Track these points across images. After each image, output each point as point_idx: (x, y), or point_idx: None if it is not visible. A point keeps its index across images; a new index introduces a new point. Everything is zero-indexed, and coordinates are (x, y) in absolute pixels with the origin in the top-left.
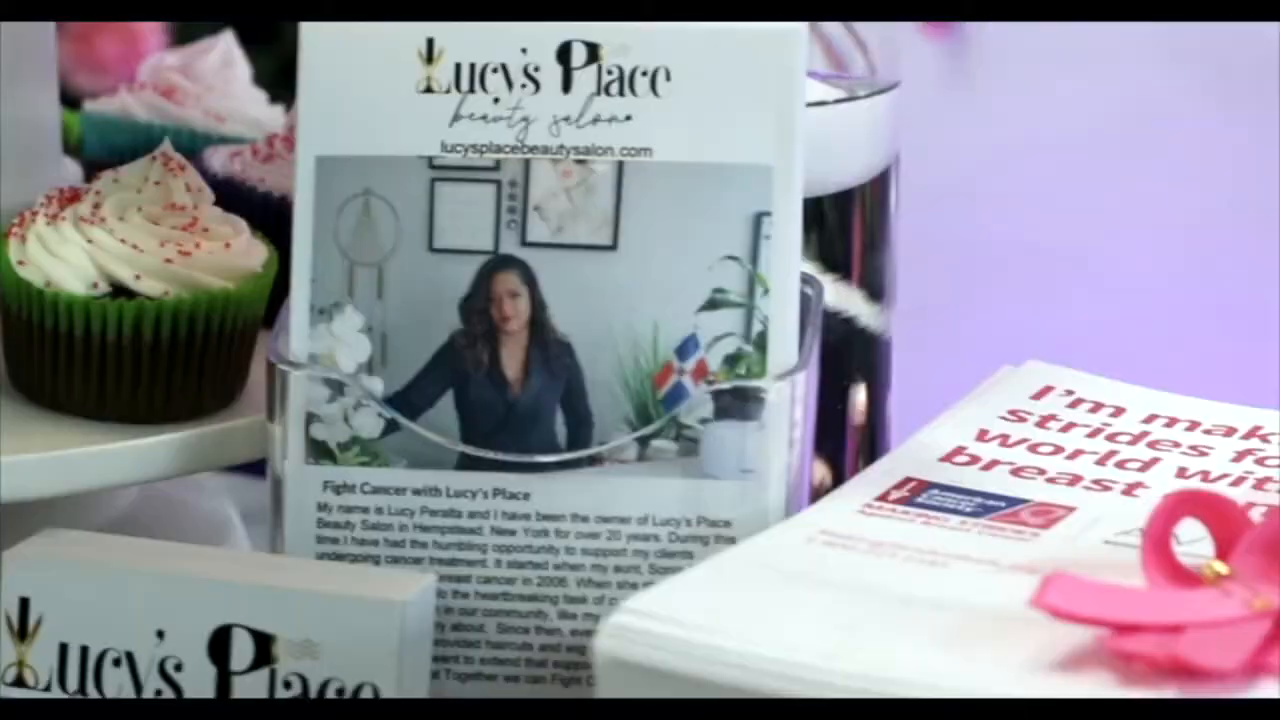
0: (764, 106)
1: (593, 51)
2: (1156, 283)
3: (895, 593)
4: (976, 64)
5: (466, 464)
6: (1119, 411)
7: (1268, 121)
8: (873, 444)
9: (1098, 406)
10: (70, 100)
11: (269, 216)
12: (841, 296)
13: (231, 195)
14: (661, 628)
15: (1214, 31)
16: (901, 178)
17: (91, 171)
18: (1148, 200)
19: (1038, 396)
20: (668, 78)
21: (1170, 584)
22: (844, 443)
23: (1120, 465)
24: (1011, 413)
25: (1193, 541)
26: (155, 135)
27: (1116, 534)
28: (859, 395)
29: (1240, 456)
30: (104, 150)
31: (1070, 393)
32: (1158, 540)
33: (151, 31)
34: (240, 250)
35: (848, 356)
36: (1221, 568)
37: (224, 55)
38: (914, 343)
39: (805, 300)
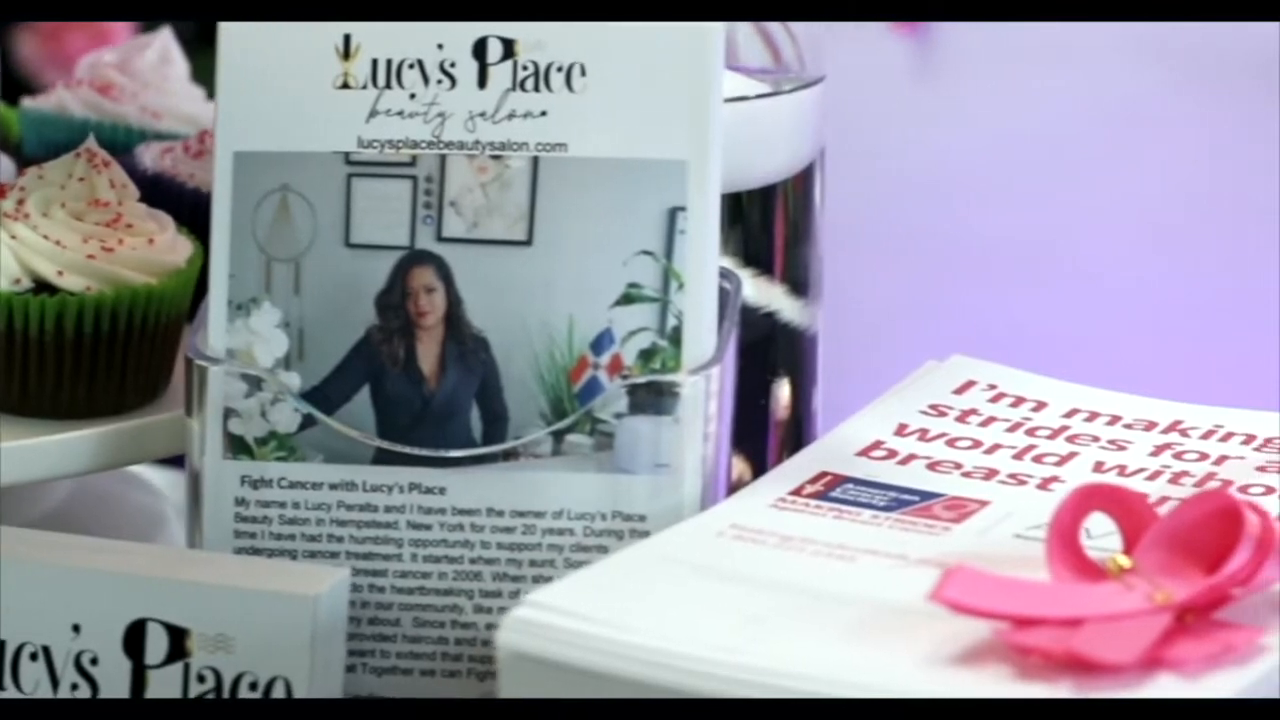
0: (679, 102)
1: (508, 47)
2: (1121, 279)
3: (801, 587)
4: (945, 60)
5: (382, 459)
6: (1040, 406)
7: (1238, 119)
8: (798, 439)
9: (1019, 401)
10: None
11: (199, 212)
12: (764, 292)
13: (162, 191)
14: (563, 621)
15: (1185, 27)
16: (868, 173)
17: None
18: (1115, 196)
19: (960, 391)
20: (583, 73)
21: (1075, 578)
22: (766, 438)
23: (1037, 460)
24: (932, 407)
25: (1105, 535)
26: (91, 131)
27: (1027, 528)
28: (782, 390)
29: (1159, 451)
30: (41, 147)
31: (993, 387)
32: (1063, 534)
33: (122, 29)
34: (164, 246)
35: (770, 351)
36: (1125, 561)
37: (161, 52)
38: (864, 337)
39: (723, 295)
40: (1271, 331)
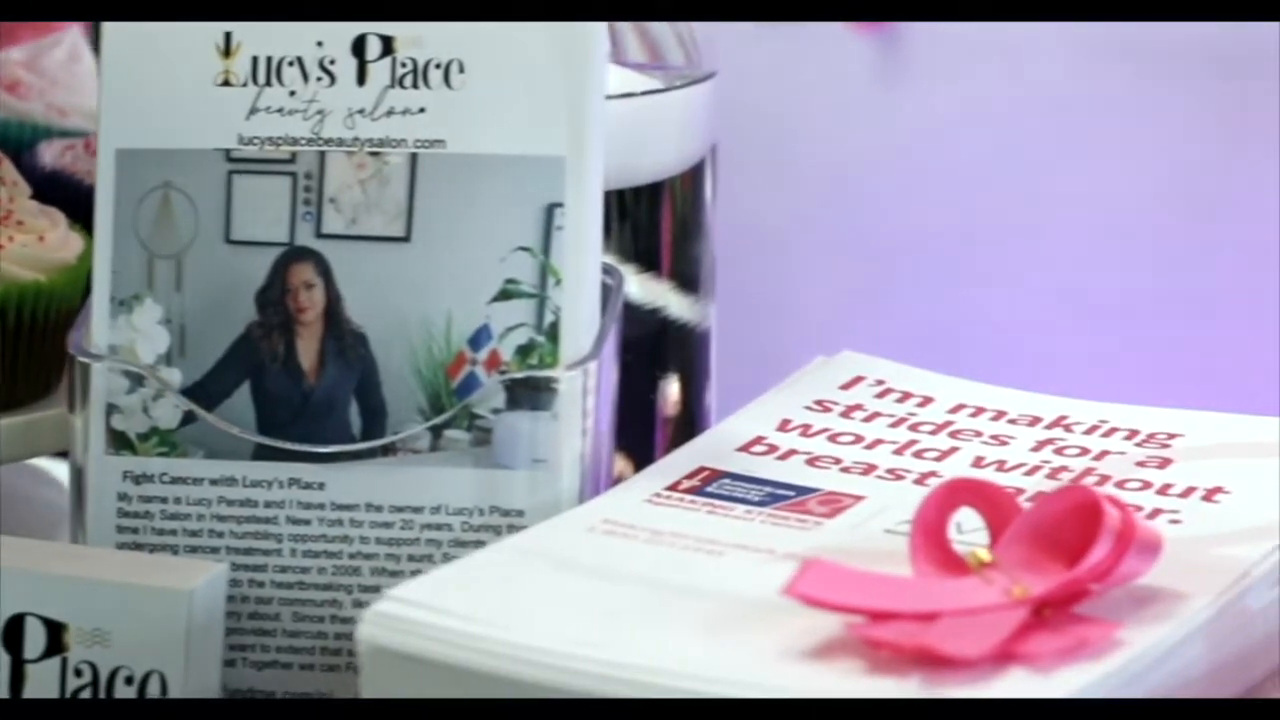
0: (557, 99)
1: (387, 44)
2: (1046, 276)
3: (665, 581)
4: (907, 58)
5: (262, 454)
6: (926, 401)
7: (1197, 117)
8: (689, 436)
9: (906, 396)
10: None
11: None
12: (650, 288)
13: (60, 188)
14: (423, 615)
15: (1142, 26)
16: (827, 170)
17: None
18: (1072, 194)
19: (847, 387)
20: (461, 70)
21: (938, 572)
22: (653, 434)
23: (918, 455)
24: (817, 403)
25: (977, 530)
26: None
27: (898, 523)
28: (670, 387)
29: (1040, 446)
30: None
31: (880, 383)
32: (928, 529)
33: (27, 28)
34: (55, 243)
35: (660, 349)
36: (985, 556)
37: (70, 50)
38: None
39: (605, 291)
40: (1229, 327)
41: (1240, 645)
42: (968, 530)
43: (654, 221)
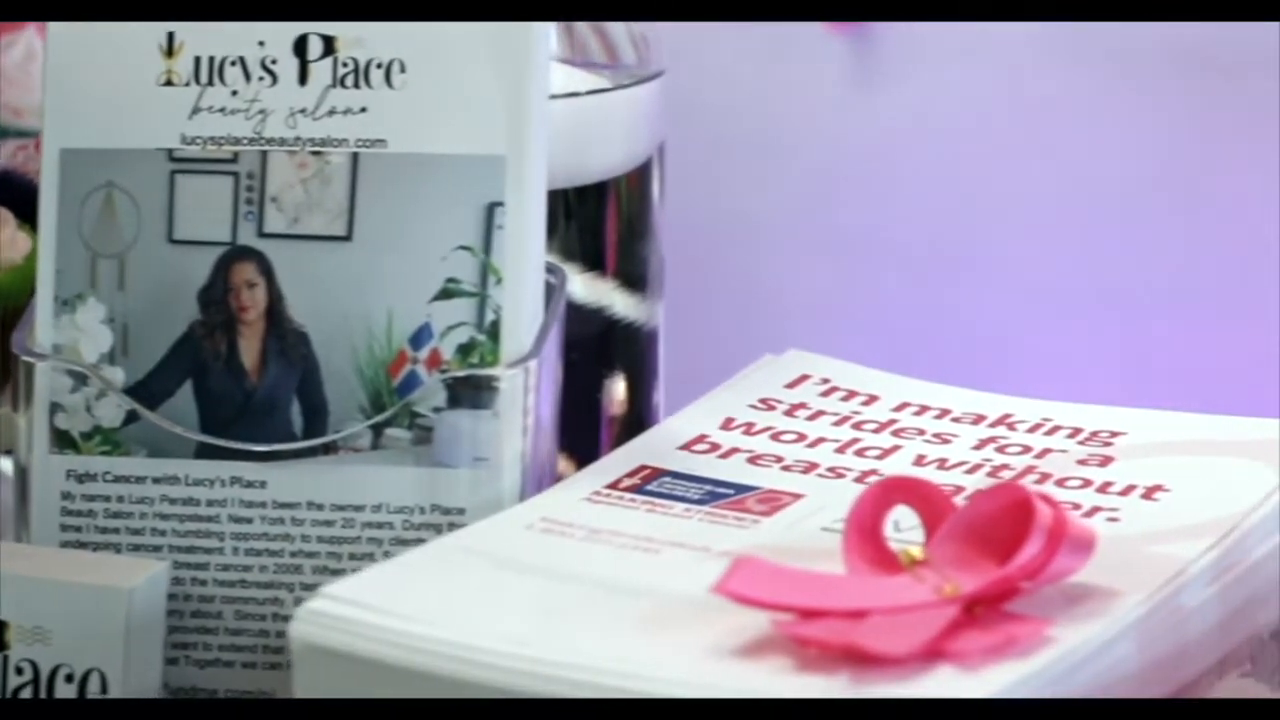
0: (498, 99)
1: (328, 44)
2: (1049, 276)
3: (600, 579)
4: (880, 58)
5: (205, 453)
6: (871, 400)
7: (1171, 117)
8: (635, 434)
9: (851, 395)
10: None
11: None
12: (595, 288)
13: (10, 188)
14: (355, 613)
15: (1108, 26)
16: (799, 169)
17: None
18: (1044, 193)
19: (792, 385)
20: (402, 70)
21: (871, 570)
22: (598, 433)
23: (859, 453)
24: (762, 401)
25: (914, 529)
26: None
27: (835, 521)
28: (616, 387)
29: (982, 444)
30: None
31: (826, 381)
32: (862, 526)
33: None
34: (3, 242)
35: (607, 348)
36: (917, 553)
37: (26, 50)
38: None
39: (547, 290)
40: (1203, 325)
41: (1174, 643)
42: (906, 528)
43: (599, 221)
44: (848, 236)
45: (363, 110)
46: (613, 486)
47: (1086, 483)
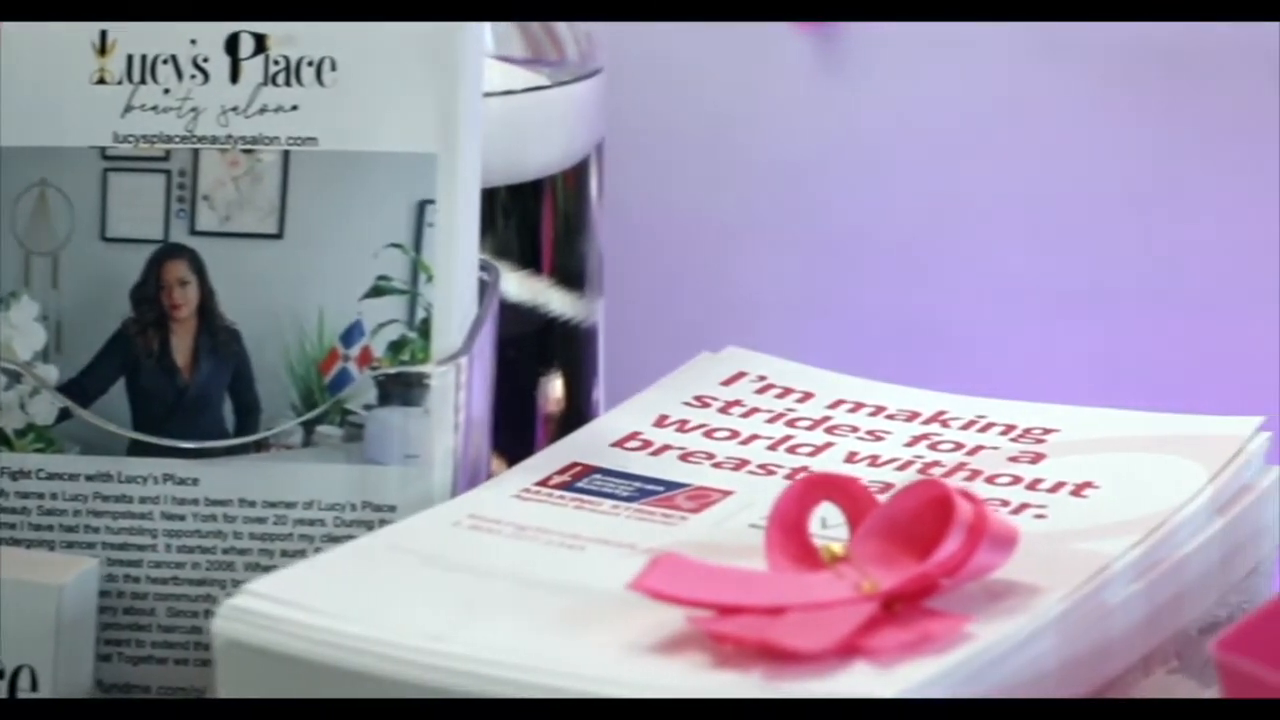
0: (428, 97)
1: (260, 42)
2: (1018, 274)
3: (524, 576)
4: (847, 56)
5: (137, 450)
6: (807, 397)
7: (1142, 115)
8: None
9: (786, 392)
10: None
11: None
12: (531, 286)
13: None
14: (275, 609)
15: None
16: (759, 166)
17: None
18: (1008, 192)
19: (728, 382)
20: (333, 68)
21: (794, 567)
22: (533, 431)
23: (791, 450)
24: (697, 398)
25: (841, 525)
26: None
27: (762, 518)
28: (553, 385)
29: (914, 441)
30: None
31: (762, 379)
32: (785, 523)
33: None
34: None
35: (544, 346)
36: (838, 550)
37: None
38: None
39: (481, 287)
40: (1174, 324)
41: (1096, 640)
42: (833, 525)
43: (535, 219)
44: (805, 234)
45: (294, 108)
46: (543, 484)
47: (1016, 480)
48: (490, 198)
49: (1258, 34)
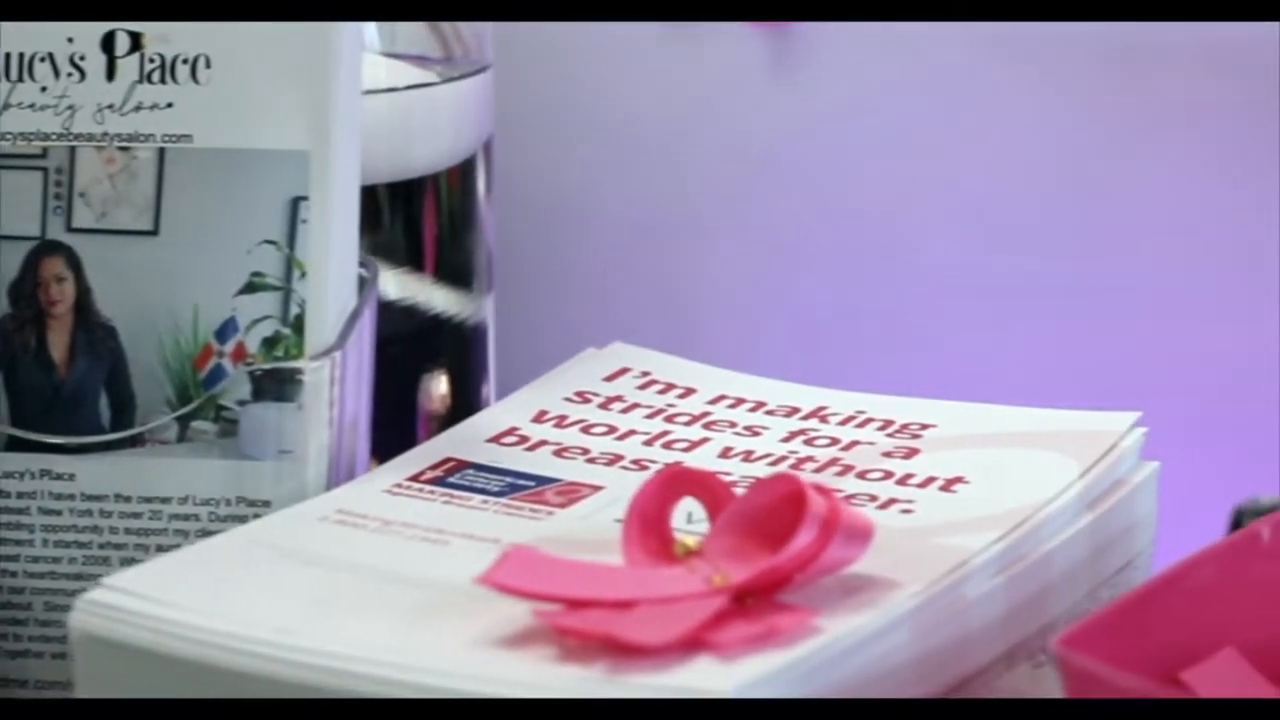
0: (301, 94)
1: (135, 40)
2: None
3: (383, 570)
4: (800, 54)
5: (14, 445)
6: (689, 393)
7: (1092, 111)
8: None
9: (668, 388)
10: None
11: None
12: (412, 283)
13: None
14: (131, 603)
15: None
16: (724, 162)
17: None
18: (964, 190)
19: (611, 378)
20: (208, 65)
21: (651, 561)
22: (414, 429)
23: (667, 446)
24: (578, 394)
25: (705, 520)
26: None
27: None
28: (436, 383)
29: (791, 437)
30: None
31: (646, 374)
32: (644, 517)
33: None
34: None
35: (427, 344)
36: (692, 544)
37: None
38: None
39: (361, 283)
40: (1126, 319)
41: (954, 634)
42: (700, 520)
43: (418, 216)
44: (723, 230)
45: (169, 106)
46: (414, 479)
47: (888, 475)
48: (372, 195)
49: (1206, 32)
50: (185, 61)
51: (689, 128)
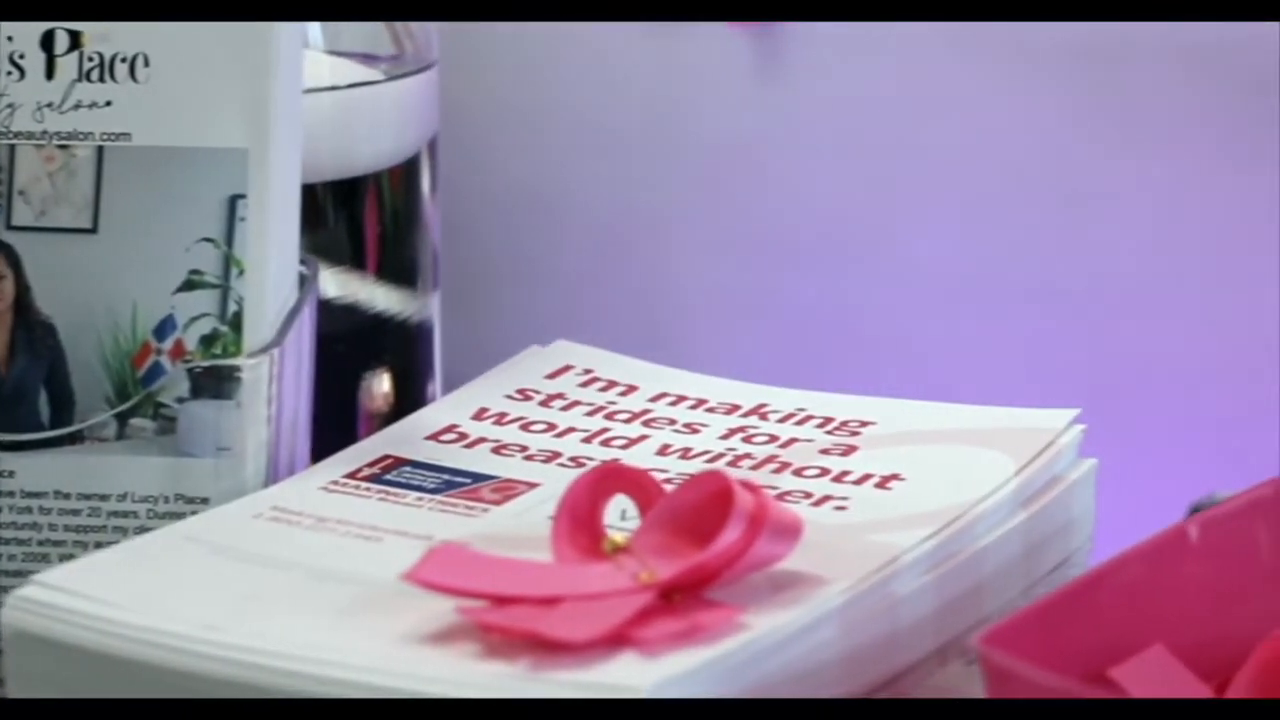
0: (239, 92)
1: (74, 38)
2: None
3: (313, 567)
4: (782, 53)
5: None
6: (630, 390)
7: (1071, 111)
8: None
9: (610, 385)
10: None
11: None
12: (354, 281)
13: None
14: (62, 599)
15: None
16: (698, 161)
17: None
18: (944, 189)
19: (553, 375)
20: (146, 64)
21: (580, 558)
22: (355, 427)
23: (605, 443)
24: (519, 391)
25: (638, 518)
26: None
27: None
28: (378, 382)
29: (730, 434)
30: None
31: (588, 372)
32: (574, 514)
33: None
34: None
35: (372, 343)
36: (620, 541)
37: None
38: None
39: (302, 281)
40: (1101, 321)
41: (882, 631)
42: (631, 517)
43: (360, 214)
44: (693, 229)
45: (108, 104)
46: (351, 476)
47: (824, 472)
48: (313, 193)
49: (1181, 32)
50: (124, 60)
51: (664, 126)
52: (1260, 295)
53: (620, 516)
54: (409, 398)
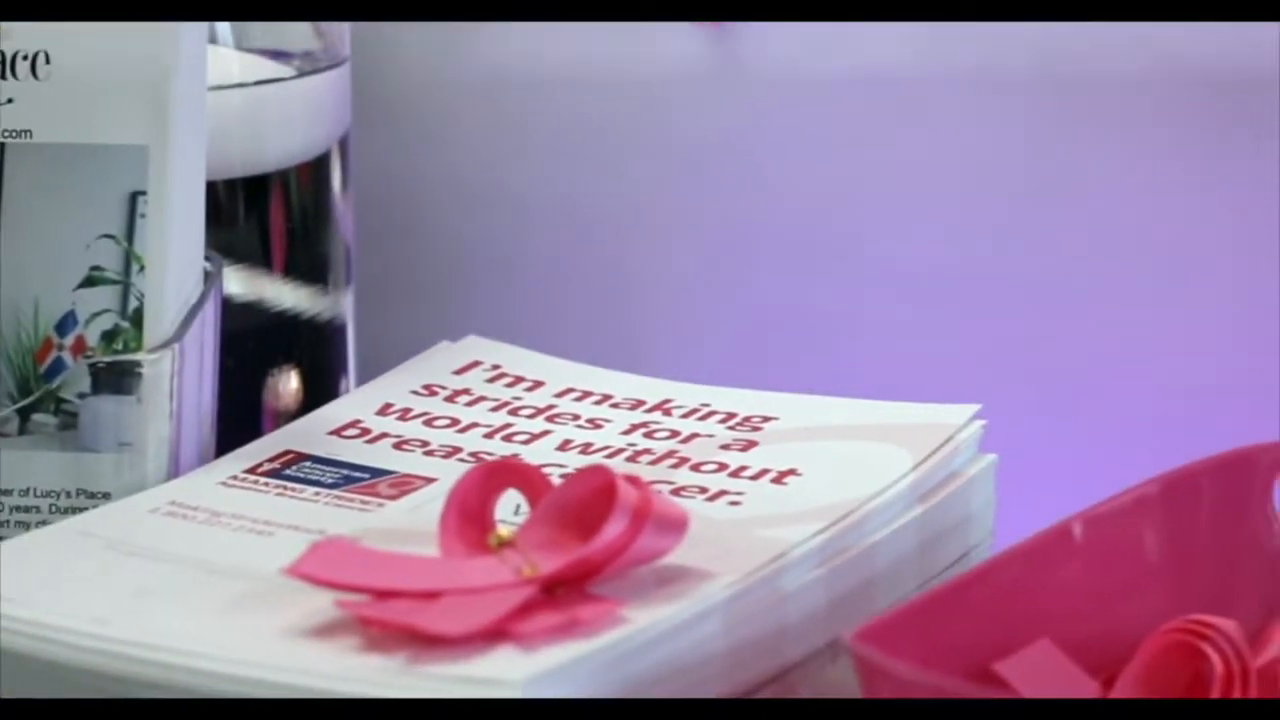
0: (140, 89)
1: None
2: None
3: (203, 561)
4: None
5: None
6: (537, 386)
7: (1040, 109)
8: None
9: (517, 381)
10: None
11: None
12: (260, 278)
13: None
14: None
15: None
16: (659, 157)
17: None
18: (910, 188)
19: (461, 371)
20: (47, 61)
21: (467, 552)
22: (261, 426)
23: (507, 439)
24: (425, 387)
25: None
26: None
27: None
28: (284, 380)
29: (632, 429)
30: None
31: (496, 368)
32: (463, 509)
33: None
34: None
35: (281, 341)
36: (505, 535)
37: None
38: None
39: (197, 278)
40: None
41: (770, 626)
42: (525, 512)
43: (265, 211)
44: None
45: (9, 101)
46: (251, 471)
47: (722, 467)
48: (219, 191)
49: (1140, 31)
50: (25, 58)
51: (622, 121)
52: (1211, 297)
53: (514, 512)
54: (321, 395)
